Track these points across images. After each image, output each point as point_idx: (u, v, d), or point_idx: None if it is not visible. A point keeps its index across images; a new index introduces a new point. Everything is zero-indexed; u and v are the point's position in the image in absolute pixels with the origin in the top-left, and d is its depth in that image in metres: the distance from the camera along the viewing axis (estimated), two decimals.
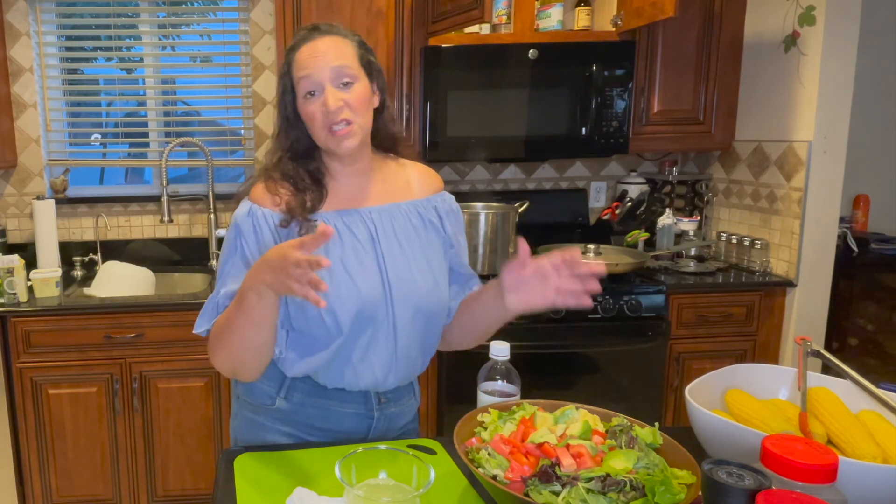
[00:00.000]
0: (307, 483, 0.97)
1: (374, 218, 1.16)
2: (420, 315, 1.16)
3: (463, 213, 2.55)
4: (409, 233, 1.18)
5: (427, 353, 1.23)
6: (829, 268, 2.37)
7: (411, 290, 1.14)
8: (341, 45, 1.12)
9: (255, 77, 2.79)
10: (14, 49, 2.69)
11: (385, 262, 1.14)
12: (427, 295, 1.16)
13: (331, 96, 1.09)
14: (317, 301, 0.90)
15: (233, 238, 1.14)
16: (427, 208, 1.22)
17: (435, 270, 1.18)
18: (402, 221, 1.18)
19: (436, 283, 1.18)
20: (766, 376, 1.15)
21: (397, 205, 1.19)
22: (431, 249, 1.19)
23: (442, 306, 1.20)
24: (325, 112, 1.09)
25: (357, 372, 1.15)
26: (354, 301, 1.10)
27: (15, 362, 2.23)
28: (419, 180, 1.24)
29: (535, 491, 0.82)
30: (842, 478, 0.72)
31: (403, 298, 1.14)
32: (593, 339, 2.30)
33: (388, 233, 1.16)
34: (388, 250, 1.15)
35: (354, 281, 1.11)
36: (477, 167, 2.89)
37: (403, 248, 1.16)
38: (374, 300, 1.12)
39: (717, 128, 2.58)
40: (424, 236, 1.19)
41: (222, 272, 1.15)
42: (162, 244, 2.86)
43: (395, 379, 1.19)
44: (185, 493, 2.38)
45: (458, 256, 1.26)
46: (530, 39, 2.46)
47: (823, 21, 2.21)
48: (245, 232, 1.13)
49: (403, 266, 1.15)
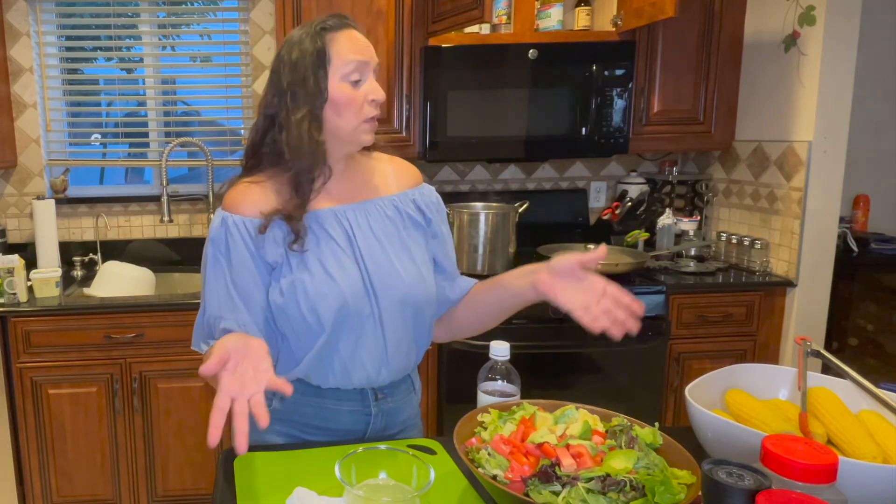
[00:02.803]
0: (307, 483, 0.97)
1: (350, 216, 1.15)
2: (407, 307, 1.15)
3: (463, 213, 2.54)
4: (386, 228, 1.17)
5: (420, 346, 1.22)
6: (829, 268, 2.37)
7: (394, 283, 1.14)
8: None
9: (255, 77, 2.79)
10: (14, 49, 2.69)
11: (364, 259, 1.13)
12: (412, 287, 1.15)
13: (379, 87, 1.11)
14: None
15: (210, 254, 1.13)
16: (404, 202, 1.21)
17: (418, 262, 1.18)
18: (379, 217, 1.17)
19: (420, 275, 1.17)
20: (766, 376, 1.15)
21: (372, 201, 1.18)
22: (412, 242, 1.19)
23: (429, 297, 1.19)
24: (367, 103, 1.10)
25: (348, 370, 1.14)
26: (336, 296, 1.09)
27: (15, 362, 2.23)
28: (395, 175, 1.24)
29: (535, 491, 0.82)
30: (842, 478, 0.72)
31: (387, 292, 1.13)
32: (593, 339, 2.26)
33: (364, 230, 1.15)
34: (365, 247, 1.14)
35: (334, 278, 1.10)
36: (477, 167, 2.89)
37: (382, 244, 1.15)
38: (355, 295, 1.11)
39: (717, 128, 2.58)
40: (403, 230, 1.19)
41: (205, 291, 1.14)
42: (162, 244, 2.86)
43: (389, 374, 1.18)
44: (185, 493, 2.38)
45: (443, 248, 1.25)
46: (530, 39, 2.46)
47: (823, 21, 2.21)
48: (220, 245, 1.12)
49: (384, 261, 1.14)
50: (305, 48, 1.09)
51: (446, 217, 1.28)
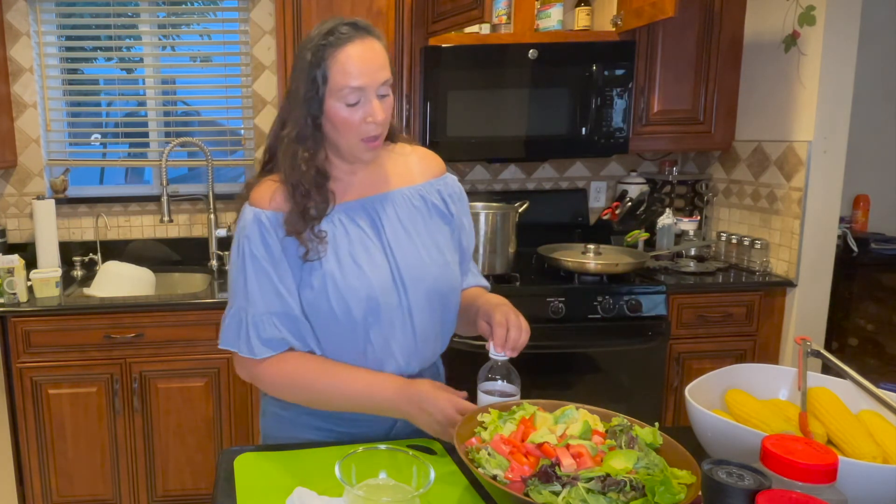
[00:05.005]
0: (307, 483, 0.97)
1: (377, 207, 1.16)
2: (435, 296, 1.16)
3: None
4: (413, 217, 1.18)
5: (447, 333, 1.24)
6: (829, 268, 2.37)
7: (422, 272, 1.15)
8: (381, 52, 1.09)
9: (255, 77, 2.79)
10: (14, 49, 2.69)
11: (392, 249, 1.14)
12: (439, 275, 1.16)
13: (378, 110, 1.07)
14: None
15: (245, 249, 1.13)
16: (430, 192, 1.22)
17: (444, 251, 1.19)
18: (406, 207, 1.18)
19: (446, 263, 1.18)
20: (766, 376, 1.15)
21: (399, 191, 1.19)
22: (438, 231, 1.20)
23: (455, 285, 1.21)
24: (365, 124, 1.08)
25: (380, 361, 1.15)
26: (365, 289, 1.11)
27: (15, 362, 2.23)
28: (419, 165, 1.24)
29: (535, 491, 0.82)
30: (842, 478, 0.72)
31: (415, 282, 1.14)
32: (593, 339, 2.30)
33: (392, 220, 1.16)
34: (393, 237, 1.15)
35: (363, 270, 1.11)
36: (477, 167, 2.89)
37: (409, 233, 1.16)
38: (384, 287, 1.12)
39: (717, 128, 2.58)
40: (430, 219, 1.20)
41: (239, 286, 1.13)
42: (162, 244, 2.86)
43: (418, 362, 1.19)
44: (185, 493, 2.38)
45: (468, 238, 1.27)
46: (530, 39, 2.46)
47: (823, 21, 2.21)
48: (255, 240, 1.12)
49: (411, 250, 1.15)
50: (305, 61, 1.08)
51: (468, 208, 1.29)
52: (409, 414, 1.08)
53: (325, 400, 1.14)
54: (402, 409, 1.08)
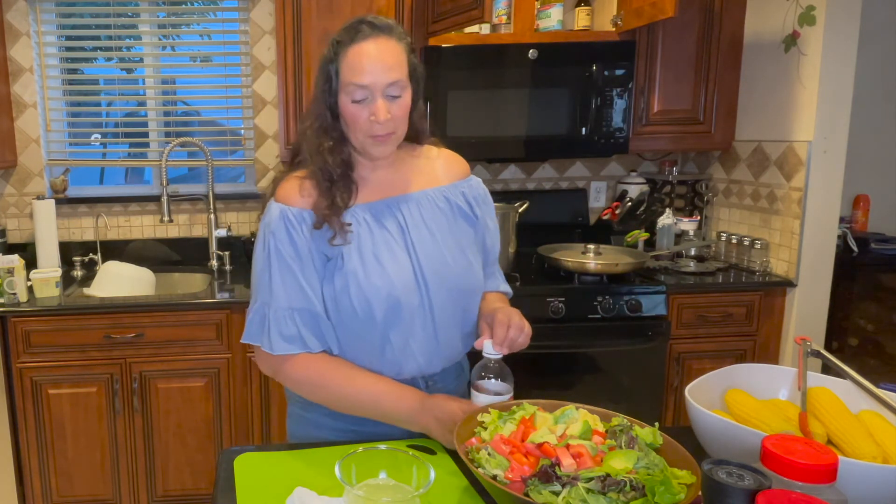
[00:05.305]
0: (307, 483, 0.97)
1: (402, 207, 1.17)
2: (457, 296, 1.17)
3: None
4: (437, 218, 1.19)
5: (469, 334, 1.24)
6: (829, 268, 2.37)
7: (445, 273, 1.15)
8: (396, 51, 1.09)
9: (255, 77, 2.79)
10: (14, 49, 2.69)
11: (416, 249, 1.15)
12: (462, 276, 1.17)
13: (382, 109, 1.08)
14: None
15: (270, 245, 1.13)
16: (454, 193, 1.22)
17: (467, 252, 1.20)
18: (430, 208, 1.19)
19: (469, 264, 1.19)
20: (766, 376, 1.15)
21: (424, 192, 1.20)
22: (462, 233, 1.21)
23: (478, 285, 1.21)
24: (372, 121, 1.09)
25: (399, 361, 1.16)
26: (387, 288, 1.11)
27: (15, 362, 2.23)
28: (444, 166, 1.25)
29: (535, 491, 0.82)
30: (842, 478, 0.72)
31: (438, 283, 1.15)
32: (593, 339, 2.29)
33: (416, 221, 1.17)
34: (417, 238, 1.16)
35: (386, 270, 1.12)
36: (477, 167, 2.89)
37: (433, 234, 1.17)
38: (406, 286, 1.13)
39: (717, 128, 2.58)
40: (454, 221, 1.20)
41: (264, 283, 1.14)
42: (162, 244, 2.86)
43: (440, 362, 1.20)
44: (185, 493, 2.38)
45: (492, 239, 1.28)
46: (530, 39, 2.46)
47: (823, 21, 2.20)
48: (281, 237, 1.12)
49: (435, 251, 1.16)
50: (324, 56, 1.13)
51: (493, 210, 1.30)
52: (427, 427, 1.09)
53: (346, 405, 1.16)
54: (420, 423, 1.10)
